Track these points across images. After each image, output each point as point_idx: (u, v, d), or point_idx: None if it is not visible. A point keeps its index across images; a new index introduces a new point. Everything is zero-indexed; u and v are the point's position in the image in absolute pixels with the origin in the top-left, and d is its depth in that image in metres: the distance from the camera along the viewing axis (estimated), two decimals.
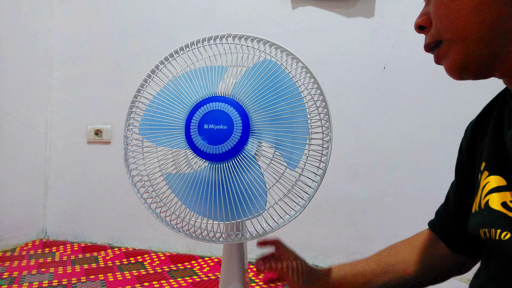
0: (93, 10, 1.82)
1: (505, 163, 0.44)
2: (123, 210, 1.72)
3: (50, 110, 1.86)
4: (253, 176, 0.58)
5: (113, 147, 1.78)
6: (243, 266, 0.64)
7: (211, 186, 0.60)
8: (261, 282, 1.31)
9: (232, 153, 0.58)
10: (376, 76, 1.47)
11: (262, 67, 0.60)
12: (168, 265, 1.47)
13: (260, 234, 0.61)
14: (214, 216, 0.61)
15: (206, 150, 0.60)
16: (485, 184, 0.45)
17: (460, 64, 0.44)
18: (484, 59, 0.43)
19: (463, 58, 0.44)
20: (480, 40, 0.42)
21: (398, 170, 1.42)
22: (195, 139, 0.61)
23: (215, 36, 0.63)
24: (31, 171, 1.79)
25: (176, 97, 0.64)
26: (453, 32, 0.43)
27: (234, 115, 0.59)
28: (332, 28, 1.53)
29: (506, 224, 0.40)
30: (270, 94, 0.59)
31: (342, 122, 1.51)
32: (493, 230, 0.41)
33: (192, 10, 1.67)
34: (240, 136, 0.58)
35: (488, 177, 0.45)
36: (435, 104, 1.40)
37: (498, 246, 0.41)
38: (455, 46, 0.44)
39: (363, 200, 1.45)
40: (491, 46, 0.42)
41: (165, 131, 0.64)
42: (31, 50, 1.77)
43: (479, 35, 0.41)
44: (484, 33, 0.41)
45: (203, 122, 0.60)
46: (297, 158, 0.58)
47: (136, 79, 0.69)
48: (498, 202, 0.42)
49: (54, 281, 1.25)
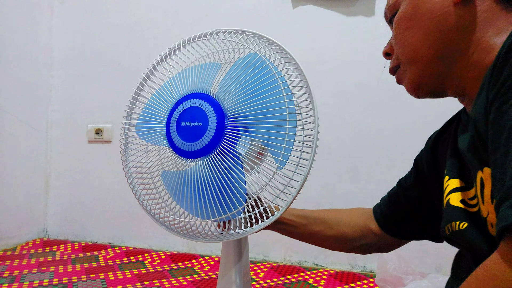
0: (93, 10, 1.82)
1: (460, 167, 0.50)
2: (124, 209, 1.72)
3: (51, 109, 1.86)
4: (231, 173, 0.55)
5: (114, 146, 1.78)
6: (240, 265, 0.63)
7: (191, 184, 0.59)
8: (261, 281, 1.31)
9: (207, 151, 0.57)
10: (376, 75, 1.47)
11: (244, 61, 0.57)
12: (168, 264, 1.47)
13: (240, 234, 0.59)
14: (196, 214, 0.60)
15: (182, 148, 0.59)
16: (446, 186, 0.52)
17: (414, 83, 0.52)
18: (434, 79, 0.50)
19: (416, 78, 0.51)
20: (429, 62, 0.49)
21: (398, 169, 1.42)
22: (174, 137, 0.59)
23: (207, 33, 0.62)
24: (32, 170, 1.79)
25: (165, 95, 0.63)
26: (407, 56, 0.51)
27: (209, 112, 0.57)
28: (332, 27, 1.53)
29: (464, 216, 0.46)
30: (245, 88, 0.56)
31: (342, 121, 1.51)
32: (453, 223, 0.47)
33: (192, 9, 1.67)
34: (214, 133, 0.56)
35: (449, 181, 0.51)
36: (435, 103, 1.40)
37: (459, 236, 0.46)
38: (409, 68, 0.52)
39: (363, 199, 1.45)
40: (438, 67, 0.49)
41: (151, 129, 0.63)
42: (31, 49, 1.77)
43: (427, 58, 0.49)
44: (431, 56, 0.49)
45: (181, 119, 0.59)
46: (276, 156, 0.55)
47: (136, 78, 0.69)
48: (457, 199, 0.48)
49: (54, 280, 1.25)
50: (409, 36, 0.50)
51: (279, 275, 1.36)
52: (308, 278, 1.34)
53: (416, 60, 0.50)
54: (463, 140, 0.48)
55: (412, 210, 0.67)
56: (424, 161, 0.66)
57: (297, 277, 1.35)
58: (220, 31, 0.62)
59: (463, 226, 0.46)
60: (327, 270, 1.43)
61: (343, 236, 0.73)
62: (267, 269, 1.43)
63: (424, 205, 0.66)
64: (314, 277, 1.35)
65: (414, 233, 0.69)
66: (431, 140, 0.66)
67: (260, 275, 1.37)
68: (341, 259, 1.49)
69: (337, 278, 1.35)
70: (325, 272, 1.41)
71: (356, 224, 0.74)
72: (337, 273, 1.40)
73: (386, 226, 0.71)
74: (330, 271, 1.42)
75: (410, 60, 0.51)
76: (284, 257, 1.55)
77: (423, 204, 0.66)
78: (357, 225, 0.73)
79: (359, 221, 0.74)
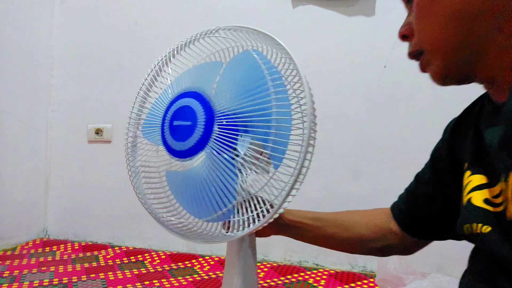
0: (94, 9, 1.82)
1: (485, 162, 0.46)
2: (124, 209, 1.72)
3: (51, 109, 1.86)
4: (221, 173, 0.54)
5: (114, 146, 1.78)
6: (241, 268, 0.62)
7: (186, 183, 0.58)
8: (261, 281, 1.31)
9: (196, 149, 0.55)
10: (377, 74, 1.47)
11: (237, 59, 0.57)
12: (168, 264, 1.47)
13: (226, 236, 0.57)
14: (193, 214, 0.59)
15: (174, 147, 0.58)
16: (467, 183, 0.48)
17: (440, 73, 0.49)
18: (461, 68, 0.47)
19: (441, 69, 0.48)
20: (455, 50, 0.46)
21: (400, 169, 1.42)
22: (166, 136, 0.59)
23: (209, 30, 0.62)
24: (32, 170, 1.79)
25: (166, 94, 0.62)
26: (432, 43, 0.48)
27: (199, 111, 0.56)
28: (332, 26, 1.53)
29: (487, 218, 0.43)
30: (236, 87, 0.55)
31: (342, 121, 1.50)
32: (474, 224, 0.44)
33: (192, 8, 1.67)
34: (202, 132, 0.55)
35: (470, 176, 0.48)
36: (435, 102, 1.40)
37: (480, 239, 0.43)
38: (434, 58, 0.48)
39: (364, 199, 1.45)
40: (465, 56, 0.46)
41: (151, 128, 0.63)
42: (31, 49, 1.77)
43: (452, 46, 0.46)
44: (457, 44, 0.45)
45: (174, 118, 0.58)
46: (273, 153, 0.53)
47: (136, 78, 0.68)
48: (480, 199, 0.45)
49: (54, 279, 1.25)
50: (432, 23, 0.47)
51: (279, 275, 1.36)
52: (308, 278, 1.34)
53: (441, 50, 0.47)
54: (492, 135, 0.44)
55: (432, 207, 0.63)
56: (443, 152, 0.61)
57: (297, 277, 1.35)
58: (220, 29, 0.61)
59: (486, 229, 0.43)
60: (327, 270, 1.43)
61: (360, 238, 0.69)
62: (267, 269, 1.43)
63: (444, 201, 0.61)
64: (314, 277, 1.35)
65: (435, 233, 0.65)
66: (449, 129, 0.61)
67: (260, 275, 1.36)
68: (341, 259, 1.49)
69: (337, 278, 1.34)
70: (325, 272, 1.41)
71: (375, 225, 0.70)
72: (337, 273, 1.40)
73: (406, 225, 0.67)
74: (330, 271, 1.41)
75: (434, 49, 0.48)
76: (284, 257, 1.55)
77: (443, 200, 0.61)
78: (376, 225, 0.70)
79: (378, 221, 0.70)
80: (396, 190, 1.20)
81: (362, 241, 0.69)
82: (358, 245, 0.70)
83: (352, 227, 0.70)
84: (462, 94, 1.42)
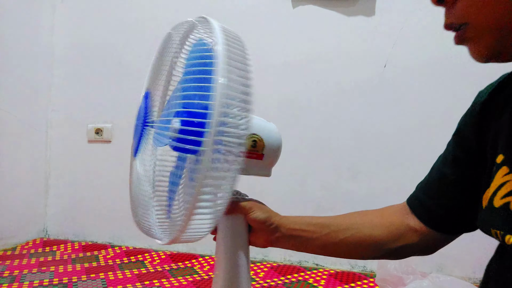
0: (94, 8, 1.82)
1: None
2: (124, 209, 1.71)
3: (51, 109, 1.86)
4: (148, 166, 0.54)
5: (114, 146, 1.77)
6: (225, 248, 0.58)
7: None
8: (261, 281, 1.31)
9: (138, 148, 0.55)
10: (377, 74, 1.47)
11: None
12: (168, 263, 1.47)
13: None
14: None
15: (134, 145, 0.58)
16: (504, 182, 0.41)
17: (490, 51, 0.43)
18: (509, 47, 0.41)
19: (495, 47, 0.42)
20: (507, 29, 0.40)
21: (399, 168, 1.42)
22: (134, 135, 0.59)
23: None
24: (32, 170, 1.79)
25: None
26: (485, 19, 0.41)
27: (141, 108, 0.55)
28: (332, 26, 1.53)
29: None
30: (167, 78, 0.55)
31: (342, 120, 1.50)
32: (508, 236, 0.38)
33: (193, 7, 1.67)
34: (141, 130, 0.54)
35: (509, 175, 0.41)
36: (435, 101, 1.40)
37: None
38: (487, 34, 0.42)
39: (363, 198, 1.46)
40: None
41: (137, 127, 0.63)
42: (32, 48, 1.77)
43: (505, 25, 0.40)
44: (510, 23, 0.40)
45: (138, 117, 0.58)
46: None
47: (137, 78, 0.68)
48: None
49: (54, 279, 1.25)
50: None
51: (279, 275, 1.36)
52: (308, 278, 1.34)
53: (497, 28, 0.41)
54: None
55: (460, 192, 0.54)
56: (470, 130, 0.52)
57: (297, 277, 1.35)
58: None
59: None
60: (327, 270, 1.43)
61: (374, 240, 0.60)
62: (267, 269, 1.43)
63: (473, 185, 0.52)
64: (314, 277, 1.35)
65: (466, 224, 0.55)
66: (480, 104, 0.52)
67: (260, 275, 1.37)
68: (341, 259, 1.48)
69: (337, 278, 1.34)
70: (325, 272, 1.41)
71: (390, 224, 0.60)
72: (337, 273, 1.40)
73: (429, 219, 0.57)
74: (330, 271, 1.41)
75: (490, 26, 0.41)
76: (284, 257, 1.55)
77: (473, 183, 0.52)
78: (392, 224, 0.60)
79: (393, 219, 0.61)
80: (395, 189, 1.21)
81: (376, 243, 0.60)
82: (372, 248, 0.61)
83: (364, 228, 0.61)
84: (462, 94, 1.42)
